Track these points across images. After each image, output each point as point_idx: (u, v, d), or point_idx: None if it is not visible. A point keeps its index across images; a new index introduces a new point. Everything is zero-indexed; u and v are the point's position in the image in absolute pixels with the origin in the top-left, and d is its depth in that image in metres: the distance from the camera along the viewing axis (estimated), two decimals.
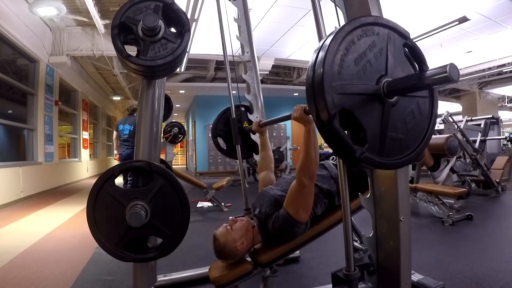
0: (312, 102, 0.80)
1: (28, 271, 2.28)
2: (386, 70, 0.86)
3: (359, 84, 0.82)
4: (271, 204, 1.51)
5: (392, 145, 0.88)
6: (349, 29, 0.83)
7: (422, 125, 0.94)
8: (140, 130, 1.55)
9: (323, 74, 0.78)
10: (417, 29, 5.89)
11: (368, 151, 0.82)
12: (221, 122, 2.41)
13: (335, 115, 0.78)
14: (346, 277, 1.25)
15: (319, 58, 0.81)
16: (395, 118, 0.87)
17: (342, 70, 0.80)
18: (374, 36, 0.86)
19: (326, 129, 0.80)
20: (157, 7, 1.32)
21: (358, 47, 0.83)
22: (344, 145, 0.80)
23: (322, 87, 0.77)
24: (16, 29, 5.14)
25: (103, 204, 1.31)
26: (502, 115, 11.62)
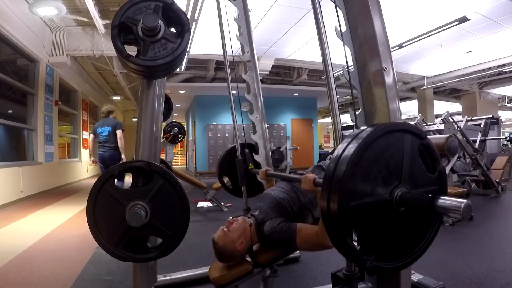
0: (326, 198, 0.83)
1: (28, 271, 2.28)
2: (400, 179, 0.88)
3: (374, 195, 0.85)
4: (273, 207, 1.51)
5: (399, 249, 0.92)
6: (376, 136, 0.86)
7: (428, 225, 0.96)
8: (140, 130, 1.55)
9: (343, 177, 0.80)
10: (417, 29, 5.90)
11: (376, 260, 0.87)
12: (227, 161, 2.40)
13: (348, 234, 0.82)
14: (346, 277, 1.25)
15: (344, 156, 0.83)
16: (404, 224, 0.90)
17: (361, 176, 0.83)
18: (394, 143, 0.89)
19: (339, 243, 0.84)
20: (157, 7, 1.32)
21: (378, 154, 0.86)
22: (355, 257, 0.85)
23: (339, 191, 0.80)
24: (16, 29, 5.14)
25: (103, 204, 1.31)
26: (502, 115, 11.62)
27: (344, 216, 0.79)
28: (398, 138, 0.90)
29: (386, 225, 0.87)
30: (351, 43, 1.41)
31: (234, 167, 2.28)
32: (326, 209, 0.81)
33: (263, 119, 2.42)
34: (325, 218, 0.83)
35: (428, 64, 8.27)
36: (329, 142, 20.73)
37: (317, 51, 1.42)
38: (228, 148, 2.45)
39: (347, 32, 1.42)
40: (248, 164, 2.27)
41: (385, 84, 1.31)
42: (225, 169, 2.41)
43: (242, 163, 2.23)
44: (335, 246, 0.85)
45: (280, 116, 11.24)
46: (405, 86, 10.40)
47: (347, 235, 0.82)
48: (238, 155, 2.26)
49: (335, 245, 0.85)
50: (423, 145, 0.94)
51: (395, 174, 0.87)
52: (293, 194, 1.56)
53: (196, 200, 4.98)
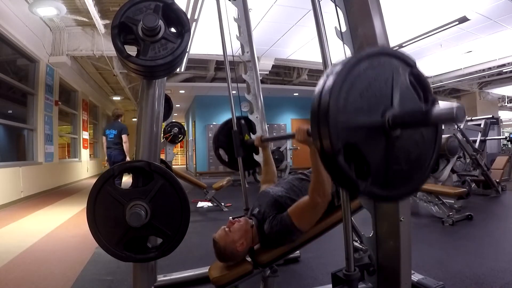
0: (316, 132, 0.80)
1: (28, 271, 2.28)
2: (391, 102, 0.85)
3: (364, 118, 0.82)
4: (271, 205, 1.51)
5: (396, 177, 0.88)
6: (355, 60, 0.83)
7: (426, 155, 0.93)
8: (140, 130, 1.55)
9: (329, 108, 0.78)
10: (417, 29, 5.90)
11: (371, 185, 0.83)
12: (223, 134, 2.40)
13: (339, 150, 0.78)
14: (346, 277, 1.25)
15: (326, 88, 0.80)
16: (399, 150, 0.87)
17: (347, 103, 0.80)
18: (379, 67, 0.86)
19: (329, 163, 0.81)
20: (157, 7, 1.32)
21: (363, 79, 0.83)
22: (348, 180, 0.81)
23: (327, 120, 0.77)
24: (16, 29, 5.14)
25: (103, 204, 1.31)
26: (502, 115, 11.63)
27: (334, 133, 0.77)
28: (385, 63, 0.87)
29: (381, 150, 0.84)
30: (351, 43, 1.42)
31: (230, 140, 2.29)
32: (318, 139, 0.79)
33: (263, 119, 2.42)
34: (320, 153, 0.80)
35: (428, 64, 8.27)
36: None
37: (317, 51, 1.41)
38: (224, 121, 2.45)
39: (347, 32, 1.42)
40: (244, 135, 2.28)
41: None
42: (221, 142, 2.41)
43: (238, 134, 2.24)
44: (328, 169, 0.82)
45: (280, 116, 11.24)
46: None
47: (338, 153, 0.77)
48: (234, 126, 2.27)
49: (327, 168, 0.82)
50: (413, 74, 0.91)
51: (385, 98, 0.85)
52: (292, 193, 1.57)
53: (196, 200, 4.98)
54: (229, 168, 2.46)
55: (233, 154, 2.28)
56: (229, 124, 2.34)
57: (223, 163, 2.48)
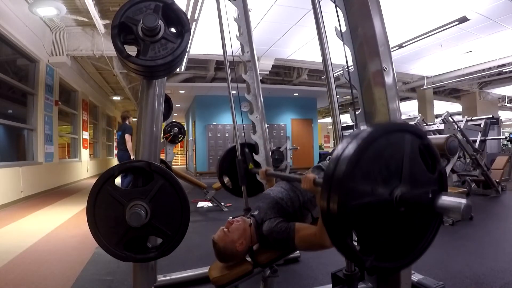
0: (326, 198, 0.82)
1: (28, 271, 2.28)
2: (400, 179, 0.88)
3: (374, 195, 0.85)
4: (272, 207, 1.51)
5: (399, 249, 0.92)
6: (377, 136, 0.86)
7: (428, 225, 0.96)
8: (140, 130, 1.55)
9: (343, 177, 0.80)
10: (417, 29, 5.90)
11: (376, 260, 0.86)
12: (227, 161, 2.40)
13: (348, 234, 0.82)
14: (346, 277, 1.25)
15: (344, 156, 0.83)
16: (404, 224, 0.90)
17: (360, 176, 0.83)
18: (394, 143, 0.89)
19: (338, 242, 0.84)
20: (157, 7, 1.32)
21: (377, 153, 0.86)
22: (355, 256, 0.85)
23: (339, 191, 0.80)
24: (16, 29, 5.14)
25: (103, 204, 1.31)
26: (502, 115, 11.63)
27: (344, 216, 0.79)
28: (398, 138, 0.90)
29: (386, 225, 0.87)
30: (351, 43, 1.41)
31: (234, 167, 2.28)
32: (326, 209, 0.81)
33: (263, 119, 2.42)
34: (325, 218, 0.83)
35: (428, 64, 8.27)
36: (329, 142, 20.73)
37: (317, 51, 1.42)
38: (228, 147, 2.45)
39: (347, 32, 1.42)
40: (248, 163, 2.27)
41: (385, 84, 1.31)
42: (225, 169, 2.41)
43: (242, 163, 2.23)
44: (335, 246, 0.85)
45: (280, 116, 11.24)
46: (405, 86, 10.40)
47: (347, 235, 0.82)
48: (238, 154, 2.26)
49: (335, 245, 0.85)
50: (423, 145, 0.94)
51: (395, 174, 0.87)
52: (292, 193, 1.56)
53: (196, 200, 4.98)
54: (233, 195, 2.46)
55: (237, 182, 2.28)
56: (233, 151, 2.33)
57: (227, 190, 2.49)
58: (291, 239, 1.37)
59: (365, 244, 0.86)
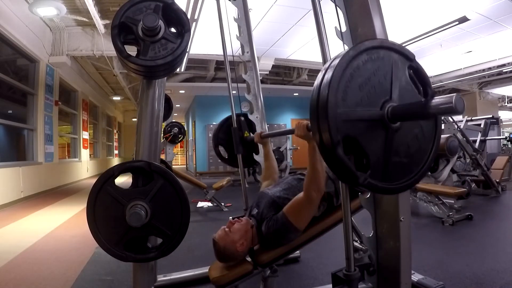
0: (316, 126, 0.80)
1: (28, 271, 2.28)
2: (390, 94, 0.85)
3: (364, 110, 0.82)
4: (269, 206, 1.51)
5: (395, 170, 0.88)
6: (354, 53, 0.83)
7: (425, 148, 0.93)
8: (140, 130, 1.55)
9: (328, 101, 0.78)
10: (417, 29, 5.90)
11: (371, 177, 0.83)
12: (222, 131, 2.40)
13: (339, 142, 0.78)
14: (346, 277, 1.25)
15: (324, 81, 0.80)
16: (399, 143, 0.87)
17: (347, 96, 0.80)
18: (379, 60, 0.86)
19: (329, 156, 0.81)
20: (157, 7, 1.32)
21: (363, 72, 0.83)
22: (348, 172, 0.81)
23: (326, 113, 0.77)
24: (16, 29, 5.14)
25: (103, 204, 1.31)
26: (502, 115, 11.63)
27: (333, 126, 0.77)
28: (384, 56, 0.87)
29: (381, 143, 0.84)
30: (351, 43, 1.41)
31: (230, 137, 2.29)
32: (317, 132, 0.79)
33: (263, 119, 2.42)
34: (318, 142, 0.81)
35: (428, 64, 8.27)
36: None
37: (317, 51, 1.41)
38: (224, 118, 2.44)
39: (347, 32, 1.42)
40: (244, 131, 2.28)
41: None
42: (221, 139, 2.41)
43: (238, 131, 2.24)
44: (327, 162, 0.82)
45: (280, 116, 11.24)
46: None
47: (338, 145, 0.78)
48: (233, 123, 2.27)
49: (326, 160, 0.82)
50: (412, 68, 0.91)
51: (384, 91, 0.85)
52: (290, 193, 1.56)
53: (196, 200, 4.98)
54: (228, 165, 2.47)
55: (233, 151, 2.29)
56: (229, 121, 2.35)
57: (222, 160, 2.48)
58: (286, 221, 1.39)
59: (359, 163, 0.83)
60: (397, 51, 0.89)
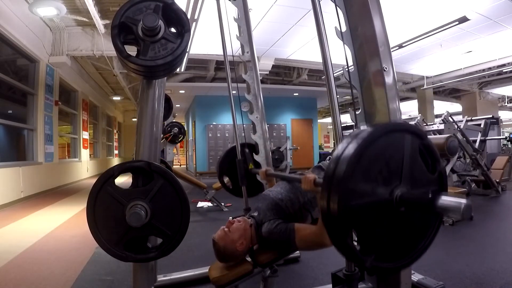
0: (326, 198, 0.82)
1: (28, 271, 2.28)
2: (400, 179, 0.88)
3: (374, 195, 0.85)
4: (271, 208, 1.51)
5: (400, 249, 0.92)
6: (377, 135, 0.86)
7: (428, 225, 0.96)
8: (140, 130, 1.55)
9: (343, 177, 0.80)
10: (417, 29, 5.89)
11: (376, 259, 0.86)
12: (227, 161, 2.40)
13: (348, 233, 0.82)
14: (346, 277, 1.25)
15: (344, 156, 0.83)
16: (404, 224, 0.90)
17: (360, 176, 0.83)
18: (394, 143, 0.89)
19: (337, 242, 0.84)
20: (157, 7, 1.32)
21: (377, 153, 0.86)
22: (355, 257, 0.85)
23: (339, 190, 0.80)
24: (16, 29, 5.14)
25: (103, 204, 1.31)
26: (502, 115, 11.62)
27: (344, 215, 0.79)
28: (398, 138, 0.90)
29: (386, 225, 0.87)
30: (351, 43, 1.41)
31: (234, 167, 2.28)
32: (326, 209, 0.81)
33: (263, 119, 2.42)
34: (325, 218, 0.83)
35: (428, 64, 8.27)
36: (329, 142, 20.72)
37: (317, 51, 1.42)
38: (228, 148, 2.45)
39: (347, 32, 1.42)
40: (248, 164, 2.27)
41: (385, 84, 1.31)
42: (225, 169, 2.41)
43: (242, 163, 2.23)
44: (335, 246, 0.85)
45: (280, 116, 11.24)
46: (405, 86, 10.40)
47: (347, 235, 0.82)
48: (238, 155, 2.26)
49: (335, 245, 0.85)
50: (423, 145, 0.94)
51: (395, 174, 0.87)
52: (292, 194, 1.56)
53: (196, 200, 4.98)
54: (233, 195, 2.47)
55: (237, 182, 2.28)
56: (233, 151, 2.33)
57: (227, 190, 2.49)
58: (291, 239, 1.37)
59: (365, 244, 0.86)
60: (411, 132, 0.93)
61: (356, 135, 0.86)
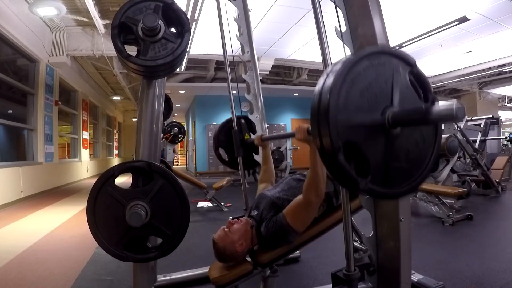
0: (316, 130, 0.81)
1: (28, 271, 2.28)
2: (391, 100, 0.85)
3: (364, 116, 0.82)
4: (268, 207, 1.51)
5: (396, 175, 0.89)
6: (356, 59, 0.83)
7: (425, 153, 0.93)
8: (140, 130, 1.55)
9: (329, 106, 0.78)
10: (417, 29, 5.89)
11: (371, 182, 0.83)
12: (223, 133, 2.40)
13: (339, 148, 0.78)
14: (346, 277, 1.25)
15: (325, 87, 0.80)
16: (399, 148, 0.87)
17: (347, 102, 0.81)
18: (379, 66, 0.86)
19: (329, 161, 0.81)
20: (157, 7, 1.32)
21: (364, 77, 0.83)
22: (348, 178, 0.81)
23: (327, 118, 0.78)
24: (16, 29, 5.14)
25: (103, 204, 1.31)
26: (502, 115, 11.62)
27: (334, 133, 0.77)
28: (385, 62, 0.87)
29: (381, 149, 0.84)
30: (351, 43, 1.41)
31: (230, 139, 2.29)
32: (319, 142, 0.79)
33: (263, 119, 2.42)
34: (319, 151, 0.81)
35: (428, 64, 8.27)
36: None
37: (317, 51, 1.41)
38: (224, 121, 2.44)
39: (347, 32, 1.41)
40: (244, 134, 2.28)
41: None
42: (221, 141, 2.41)
43: (238, 134, 2.24)
44: (328, 168, 0.83)
45: (280, 116, 11.24)
46: None
47: (338, 151, 0.78)
48: (234, 125, 2.27)
49: (327, 166, 0.82)
50: (413, 73, 0.91)
51: (385, 97, 0.85)
52: (290, 193, 1.56)
53: (196, 200, 4.98)
54: (229, 167, 2.47)
55: (233, 154, 2.29)
56: (229, 123, 2.35)
57: (223, 162, 2.48)
58: (285, 224, 1.39)
59: (359, 168, 0.83)
60: (397, 57, 0.89)
61: (335, 63, 0.84)
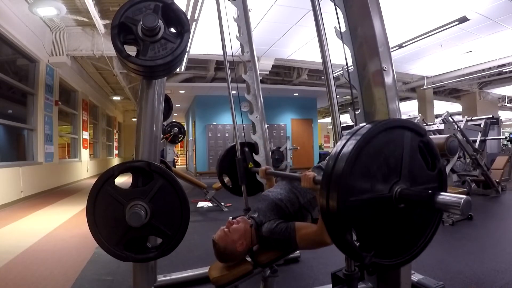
0: (325, 195, 0.82)
1: (28, 271, 2.28)
2: (400, 176, 0.87)
3: (373, 191, 0.84)
4: (271, 209, 1.51)
5: (399, 246, 0.91)
6: (376, 132, 0.85)
7: (428, 222, 0.95)
8: (140, 130, 1.55)
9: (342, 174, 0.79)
10: (417, 29, 5.89)
11: (375, 256, 0.86)
12: (226, 160, 2.40)
13: (347, 228, 0.82)
14: (346, 277, 1.25)
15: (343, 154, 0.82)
16: (403, 221, 0.89)
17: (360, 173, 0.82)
18: (393, 140, 0.89)
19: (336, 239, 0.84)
20: (156, 7, 1.32)
21: (377, 150, 0.85)
22: (354, 253, 0.84)
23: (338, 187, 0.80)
24: (16, 29, 5.14)
25: (103, 204, 1.31)
26: (502, 115, 11.61)
27: (343, 212, 0.79)
28: (398, 134, 0.89)
29: (386, 221, 0.86)
30: (350, 43, 1.41)
31: (234, 166, 2.28)
32: (326, 206, 0.81)
33: (263, 119, 2.42)
34: (324, 215, 0.83)
35: (428, 64, 8.27)
36: (329, 142, 20.72)
37: (317, 51, 1.41)
38: (228, 147, 2.45)
39: (347, 32, 1.42)
40: (248, 163, 2.27)
41: (384, 84, 1.31)
42: (225, 168, 2.41)
43: (242, 162, 2.24)
44: (335, 242, 0.85)
45: (280, 116, 11.24)
46: (405, 86, 10.40)
47: (346, 231, 0.82)
48: (238, 154, 2.26)
49: (334, 241, 0.85)
50: (423, 142, 0.94)
51: (395, 171, 0.87)
52: (292, 195, 1.56)
53: (196, 200, 4.98)
54: (233, 194, 2.47)
55: (237, 181, 2.28)
56: (233, 150, 2.34)
57: (227, 190, 2.49)
58: (292, 238, 1.37)
59: (364, 241, 0.85)
60: (410, 129, 0.92)
61: (354, 132, 0.85)
